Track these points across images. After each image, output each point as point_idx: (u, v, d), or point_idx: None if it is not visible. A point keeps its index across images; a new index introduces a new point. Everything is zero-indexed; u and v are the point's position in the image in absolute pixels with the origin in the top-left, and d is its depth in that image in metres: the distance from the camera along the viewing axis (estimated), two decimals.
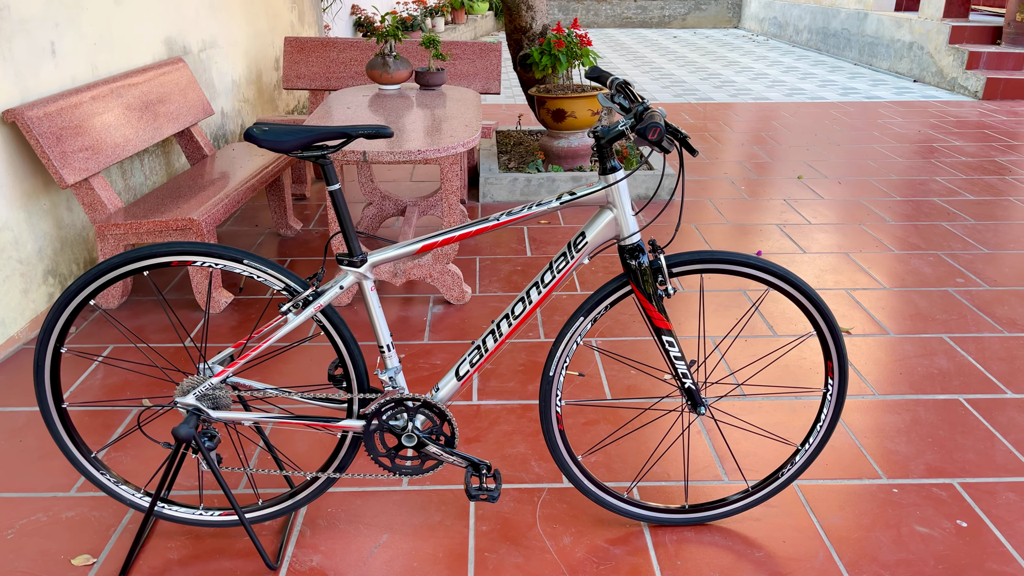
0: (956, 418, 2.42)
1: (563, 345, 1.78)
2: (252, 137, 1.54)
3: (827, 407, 1.86)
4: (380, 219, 3.85)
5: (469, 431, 2.36)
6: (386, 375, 1.75)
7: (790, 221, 4.14)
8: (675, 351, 1.75)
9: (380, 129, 1.59)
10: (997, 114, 6.70)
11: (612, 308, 3.05)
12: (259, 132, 1.54)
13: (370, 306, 1.71)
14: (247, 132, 1.53)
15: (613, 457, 2.24)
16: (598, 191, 1.65)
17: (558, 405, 1.83)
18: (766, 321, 3.03)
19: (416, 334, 2.94)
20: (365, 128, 1.58)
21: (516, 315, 1.73)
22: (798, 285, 1.74)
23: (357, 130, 1.57)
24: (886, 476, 2.16)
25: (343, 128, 1.57)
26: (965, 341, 2.88)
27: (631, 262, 1.68)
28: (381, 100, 3.48)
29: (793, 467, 1.92)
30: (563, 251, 1.71)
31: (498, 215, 1.68)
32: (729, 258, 1.71)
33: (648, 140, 1.44)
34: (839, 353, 1.80)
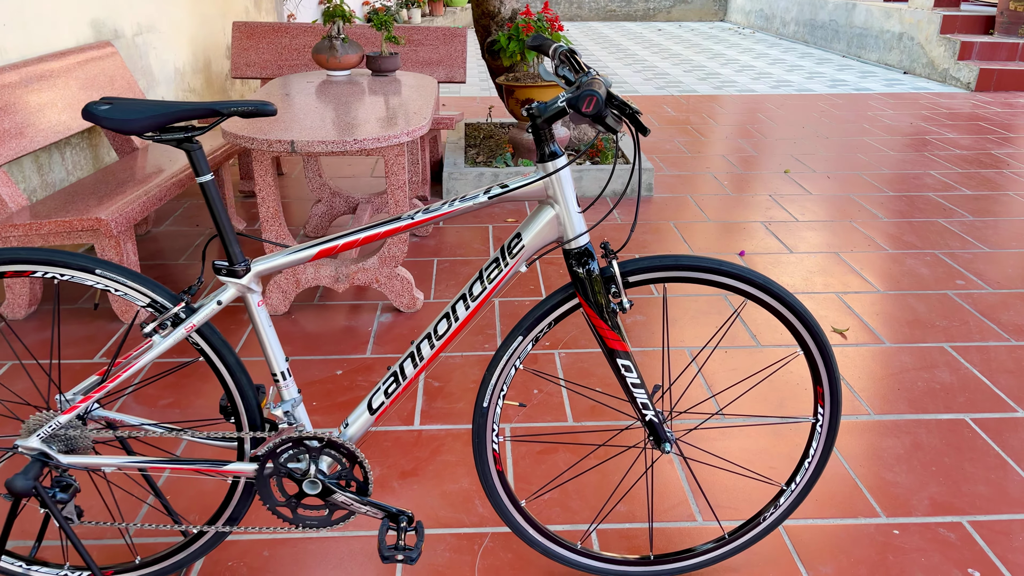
0: (962, 442, 2.13)
1: (498, 371, 1.47)
2: (91, 115, 1.22)
3: (817, 440, 1.56)
4: (330, 217, 3.53)
5: (406, 462, 2.05)
6: (280, 409, 1.43)
7: (776, 218, 3.85)
8: (632, 377, 1.44)
9: (261, 106, 1.27)
10: (991, 106, 6.43)
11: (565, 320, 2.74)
12: (99, 109, 1.22)
13: (258, 325, 1.39)
14: (85, 109, 1.21)
15: (571, 494, 1.94)
16: (535, 183, 1.34)
17: (495, 442, 1.52)
18: (748, 329, 2.73)
19: (358, 347, 2.62)
20: (241, 104, 1.27)
21: (440, 335, 1.42)
22: (781, 296, 1.43)
23: (229, 106, 1.26)
24: (885, 514, 1.86)
25: (211, 104, 1.25)
26: (968, 351, 2.59)
27: (578, 269, 1.38)
28: (327, 87, 3.16)
29: (777, 510, 1.62)
30: (495, 256, 1.40)
31: (413, 212, 1.37)
32: (696, 264, 1.41)
33: (582, 113, 1.13)
34: (831, 377, 1.50)
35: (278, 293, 2.78)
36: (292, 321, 2.80)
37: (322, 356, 2.56)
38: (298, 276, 2.77)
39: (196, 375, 2.45)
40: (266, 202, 2.64)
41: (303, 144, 2.37)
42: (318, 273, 2.77)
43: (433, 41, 4.22)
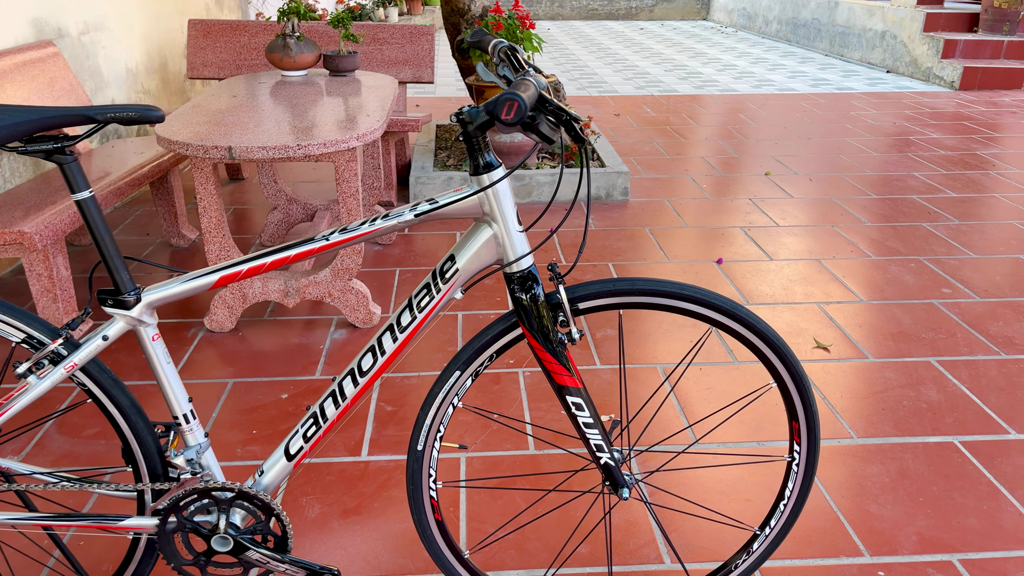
0: (951, 468, 1.98)
1: (433, 410, 1.30)
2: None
3: (793, 481, 1.40)
4: (287, 225, 3.35)
5: (350, 499, 1.87)
6: (183, 457, 1.26)
7: (756, 223, 3.70)
8: (585, 416, 1.28)
9: (145, 112, 1.10)
10: (975, 104, 6.32)
11: None
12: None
13: (154, 363, 1.22)
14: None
15: (527, 534, 1.77)
16: (467, 198, 1.17)
17: (433, 488, 1.35)
18: (725, 344, 2.58)
19: (308, 367, 2.44)
20: (121, 109, 1.09)
21: (364, 371, 1.25)
22: (751, 324, 1.27)
23: (106, 112, 1.08)
24: (869, 553, 1.71)
25: (85, 110, 1.07)
26: (956, 366, 2.45)
27: (521, 296, 1.21)
28: (280, 88, 2.98)
29: (750, 557, 1.46)
30: (426, 282, 1.23)
31: (329, 232, 1.20)
32: (655, 288, 1.24)
33: (502, 121, 0.96)
34: (807, 412, 1.34)
35: (223, 309, 2.60)
36: (239, 338, 2.62)
37: (268, 378, 2.39)
38: (244, 291, 2.59)
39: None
40: (208, 212, 2.46)
41: (242, 150, 2.19)
42: (266, 287, 2.59)
43: (399, 40, 4.04)
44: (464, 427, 2.14)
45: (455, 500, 1.87)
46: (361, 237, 1.18)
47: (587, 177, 1.15)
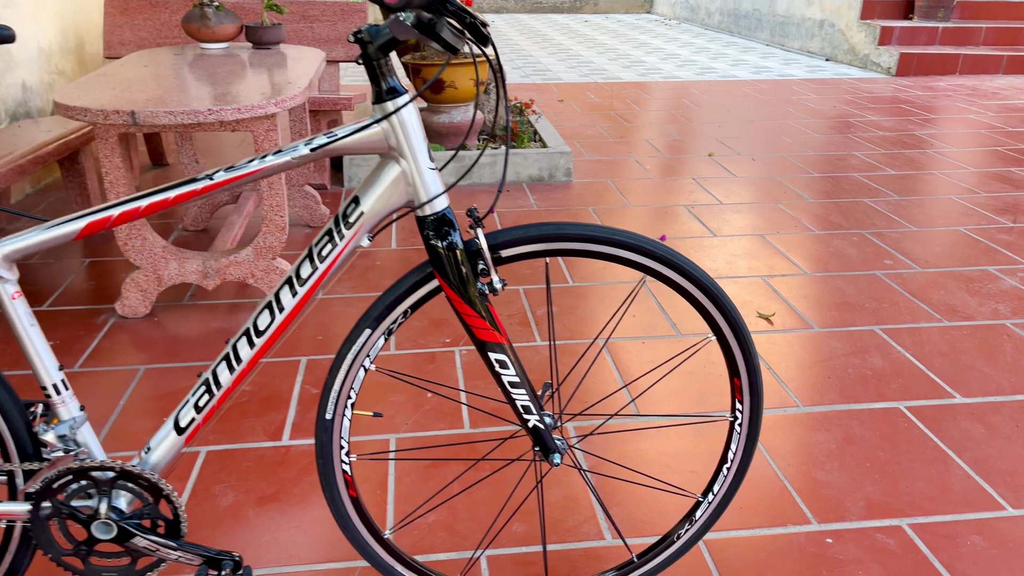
0: (898, 433, 1.92)
1: (343, 373, 1.17)
2: None
3: (736, 442, 1.31)
4: (211, 208, 3.17)
5: (268, 485, 1.73)
6: (54, 433, 1.11)
7: (699, 201, 3.64)
8: (509, 375, 1.16)
9: None
10: (912, 89, 6.41)
11: None
12: None
13: (15, 325, 1.07)
14: None
15: (459, 513, 1.65)
16: (369, 128, 1.05)
17: (345, 462, 1.22)
18: (668, 317, 2.50)
19: None
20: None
21: (261, 331, 1.11)
22: (687, 271, 1.17)
23: None
24: (817, 520, 1.63)
25: None
26: (900, 333, 2.41)
27: (435, 242, 1.09)
28: (199, 61, 2.80)
29: (693, 526, 1.37)
30: (328, 228, 1.10)
31: (213, 171, 1.06)
32: (584, 234, 1.13)
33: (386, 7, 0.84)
34: (749, 366, 1.25)
35: (136, 292, 2.42)
36: (154, 324, 2.44)
37: (184, 363, 2.22)
38: (159, 272, 2.41)
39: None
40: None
41: (146, 116, 2.02)
42: (183, 268, 2.42)
43: (330, 17, 3.88)
44: (395, 407, 2.01)
45: (383, 482, 1.74)
46: (250, 176, 1.05)
47: (504, 102, 1.03)
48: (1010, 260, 2.96)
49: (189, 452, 1.83)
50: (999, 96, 6.09)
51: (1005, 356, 2.28)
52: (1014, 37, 7.37)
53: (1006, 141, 4.72)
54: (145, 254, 2.39)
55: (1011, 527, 1.61)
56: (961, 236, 3.20)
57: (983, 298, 2.64)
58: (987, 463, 1.81)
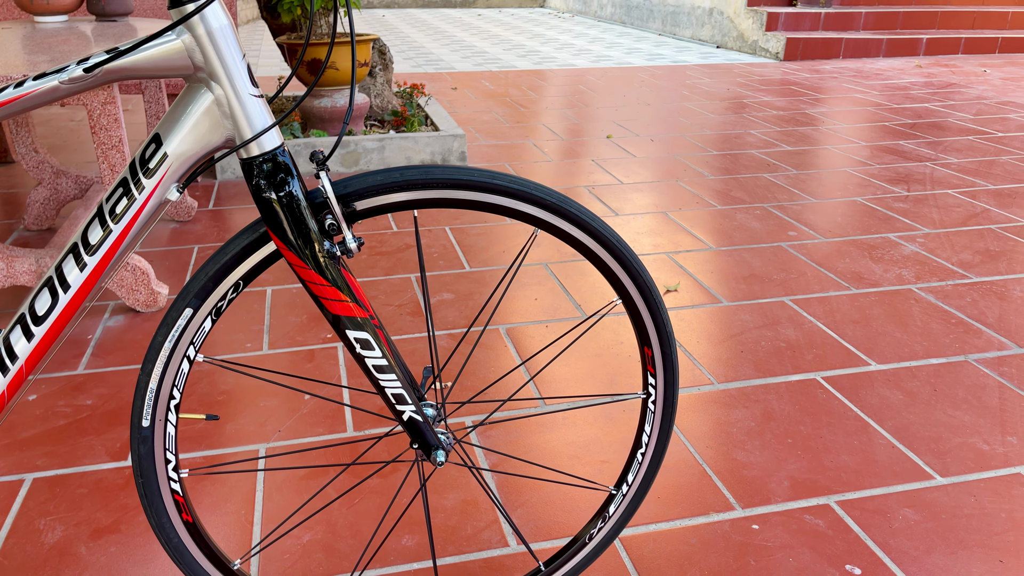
0: (817, 405, 1.80)
1: (160, 367, 0.92)
2: None
3: (650, 422, 1.13)
4: (56, 203, 2.80)
5: (106, 514, 1.44)
6: None
7: (600, 182, 3.50)
8: (374, 357, 0.94)
9: None
10: (800, 72, 6.52)
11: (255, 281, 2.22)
12: None
13: None
14: None
15: (340, 529, 1.41)
16: (164, 37, 0.81)
17: (174, 477, 0.97)
18: (572, 299, 2.32)
19: (68, 362, 1.96)
20: None
21: (40, 317, 0.85)
22: (585, 223, 0.98)
23: None
24: (741, 506, 1.48)
25: None
26: (810, 303, 2.31)
27: (268, 193, 0.86)
28: (34, 36, 2.44)
29: (607, 522, 1.18)
30: (121, 178, 0.85)
31: None
32: (458, 179, 0.92)
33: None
34: (660, 333, 1.07)
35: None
36: None
37: None
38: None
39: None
40: None
41: None
42: (12, 269, 2.08)
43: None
44: (266, 413, 1.75)
45: (249, 499, 1.48)
46: (9, 104, 0.79)
47: (350, 12, 0.81)
48: (908, 227, 2.93)
49: (9, 481, 1.52)
50: (881, 76, 6.26)
51: (915, 320, 2.21)
52: (892, 21, 7.64)
53: (892, 117, 4.81)
54: None
55: (942, 497, 1.50)
56: (860, 206, 3.17)
57: (887, 264, 2.59)
58: (909, 431, 1.71)
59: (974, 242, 2.78)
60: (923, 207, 3.15)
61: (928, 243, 2.77)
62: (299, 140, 3.51)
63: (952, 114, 4.87)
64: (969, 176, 3.57)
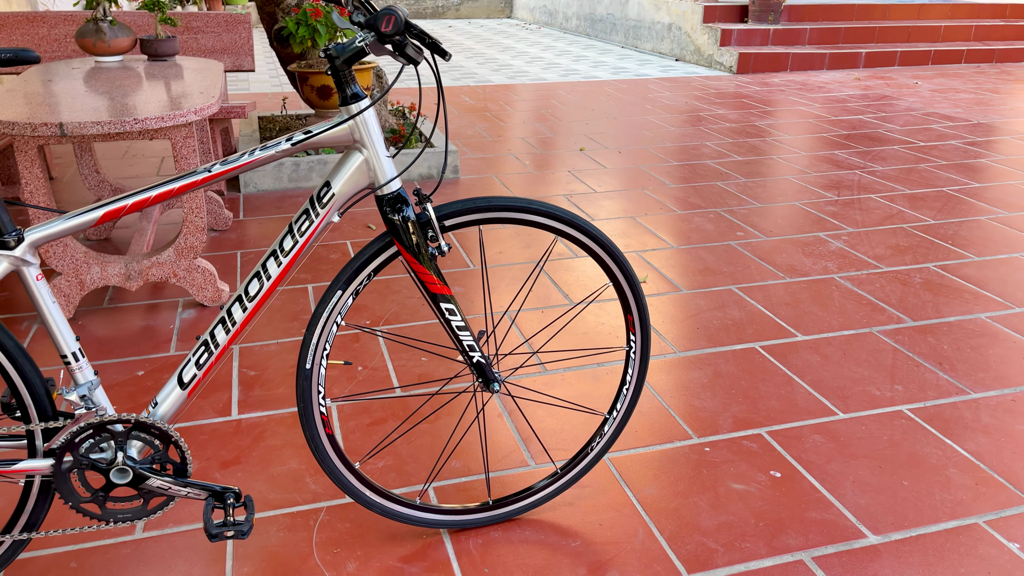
0: (755, 367, 2.35)
1: (319, 329, 1.42)
2: None
3: (632, 367, 1.66)
4: None
5: (227, 452, 1.93)
6: (75, 394, 1.30)
7: (576, 191, 4.03)
8: (457, 320, 1.45)
9: (21, 53, 1.14)
10: (751, 85, 7.14)
11: (376, 280, 2.72)
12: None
13: (38, 302, 1.25)
14: None
15: (405, 458, 1.92)
16: (339, 126, 1.31)
17: (322, 404, 1.47)
18: (561, 290, 2.85)
19: (161, 345, 2.44)
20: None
21: (252, 296, 1.35)
22: (589, 231, 1.50)
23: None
24: (696, 435, 2.02)
25: None
26: (752, 290, 2.86)
27: (393, 216, 1.36)
28: (97, 73, 2.90)
29: (603, 439, 1.70)
30: (304, 208, 1.35)
31: (210, 164, 1.29)
32: (509, 204, 1.44)
33: (382, 33, 1.12)
34: (639, 304, 1.59)
35: (59, 298, 2.52)
36: (79, 328, 2.55)
37: (119, 359, 2.36)
38: (81, 277, 2.52)
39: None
40: (35, 198, 2.38)
41: (74, 126, 2.16)
42: (106, 272, 2.54)
43: (215, 28, 4.00)
44: (332, 379, 2.24)
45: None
46: (245, 166, 1.28)
47: (442, 103, 1.32)
48: (836, 227, 3.51)
49: None
50: (824, 89, 6.90)
51: (834, 302, 2.77)
52: (835, 36, 8.31)
53: (830, 128, 5.42)
54: (67, 259, 2.49)
55: (842, 427, 2.05)
56: (797, 209, 3.75)
57: (816, 258, 3.16)
58: (823, 383, 2.26)
59: (887, 239, 3.36)
60: (849, 210, 3.74)
61: (850, 240, 3.35)
62: (312, 157, 3.99)
63: (883, 125, 5.51)
64: (890, 182, 4.17)
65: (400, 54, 1.18)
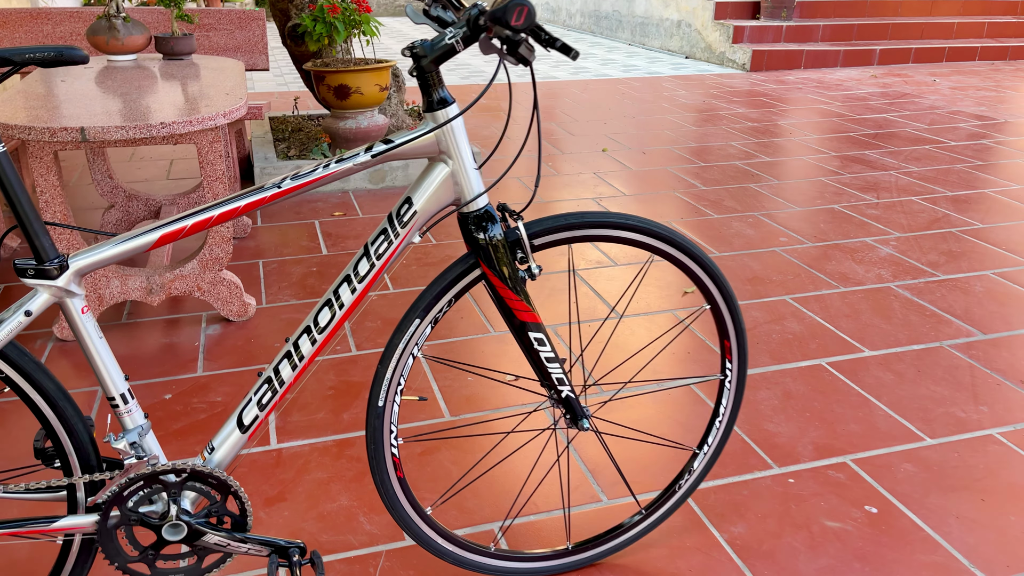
0: (825, 385, 2.20)
1: (394, 361, 1.26)
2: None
3: (727, 397, 1.50)
4: (128, 224, 3.08)
5: (270, 487, 1.77)
6: (123, 442, 1.13)
7: (604, 194, 3.88)
8: (547, 351, 1.29)
9: (67, 51, 0.98)
10: (767, 83, 6.99)
11: None
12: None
13: (84, 339, 1.09)
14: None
15: (464, 494, 1.76)
16: (424, 135, 1.15)
17: (394, 444, 1.31)
18: (604, 300, 2.69)
19: (186, 365, 2.27)
20: (39, 50, 0.96)
21: (322, 327, 1.19)
22: (689, 250, 1.35)
23: (24, 53, 0.95)
24: (777, 465, 1.86)
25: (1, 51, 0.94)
26: (807, 301, 2.72)
27: (479, 235, 1.20)
28: (111, 73, 2.72)
29: (692, 475, 1.55)
30: (382, 227, 1.19)
31: (279, 180, 1.13)
32: (605, 221, 1.28)
33: (512, 28, 0.96)
34: (737, 330, 1.44)
35: None
36: None
37: (143, 381, 2.19)
38: (100, 291, 2.35)
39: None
40: (51, 206, 2.21)
41: (96, 131, 1.99)
42: (126, 286, 2.37)
43: (227, 25, 3.82)
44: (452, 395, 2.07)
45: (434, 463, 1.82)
46: (318, 182, 1.12)
47: (536, 115, 1.17)
48: (881, 232, 3.37)
49: None
50: (841, 87, 6.76)
51: (895, 313, 2.62)
52: (848, 33, 8.18)
53: (855, 127, 5.28)
54: None
55: (932, 454, 1.90)
56: (837, 213, 3.60)
57: (867, 265, 3.01)
58: (901, 404, 2.11)
59: (938, 244, 3.22)
60: (892, 213, 3.60)
61: (899, 246, 3.20)
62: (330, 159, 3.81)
63: (910, 124, 5.37)
64: (929, 183, 4.03)
65: (510, 53, 1.02)
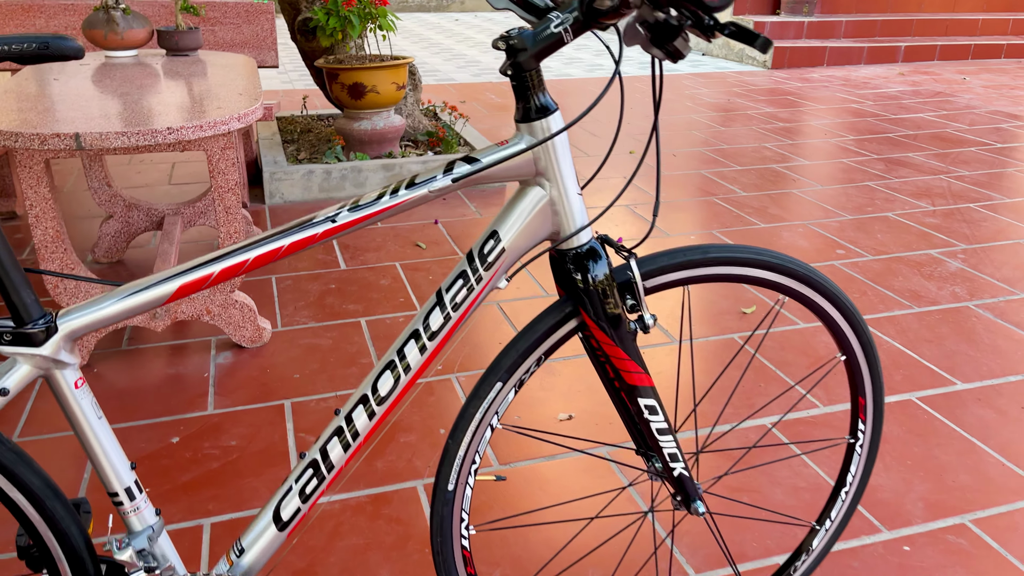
0: (921, 426, 1.94)
1: (470, 435, 1.00)
2: None
3: (856, 464, 1.24)
4: (127, 237, 2.80)
5: (297, 557, 1.50)
6: (129, 551, 0.87)
7: (638, 200, 3.62)
8: (659, 421, 1.03)
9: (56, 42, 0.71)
10: (791, 81, 6.73)
11: None
12: None
13: (80, 421, 0.83)
14: None
15: (523, 562, 1.50)
16: (518, 152, 0.89)
17: (465, 535, 1.05)
18: (668, 331, 2.43)
19: (195, 401, 2.00)
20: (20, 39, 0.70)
21: (383, 396, 0.92)
22: (826, 289, 1.09)
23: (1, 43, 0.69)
24: (886, 528, 1.60)
25: None
26: (880, 323, 2.45)
27: (577, 276, 0.94)
28: (110, 71, 2.45)
29: (810, 556, 1.29)
30: (461, 269, 0.93)
31: (333, 212, 0.86)
32: (730, 257, 1.02)
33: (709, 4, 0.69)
34: (876, 385, 1.18)
35: None
36: (95, 376, 2.11)
37: (146, 420, 1.92)
38: None
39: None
40: (42, 222, 1.94)
41: (93, 138, 1.72)
42: None
43: (234, 19, 3.55)
44: (541, 473, 1.81)
45: (473, 564, 1.55)
46: (382, 213, 0.86)
47: (655, 132, 0.90)
48: (945, 243, 3.11)
49: (190, 527, 1.57)
50: (869, 85, 6.50)
51: (981, 338, 2.36)
52: (871, 29, 7.92)
53: (893, 127, 5.02)
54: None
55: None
56: (893, 222, 3.34)
57: (938, 282, 2.75)
58: (1012, 448, 1.85)
59: (1011, 257, 2.96)
60: (952, 222, 3.34)
61: (969, 259, 2.94)
62: (344, 164, 3.55)
63: (950, 125, 5.11)
64: (984, 189, 3.77)
65: (660, 44, 0.76)
